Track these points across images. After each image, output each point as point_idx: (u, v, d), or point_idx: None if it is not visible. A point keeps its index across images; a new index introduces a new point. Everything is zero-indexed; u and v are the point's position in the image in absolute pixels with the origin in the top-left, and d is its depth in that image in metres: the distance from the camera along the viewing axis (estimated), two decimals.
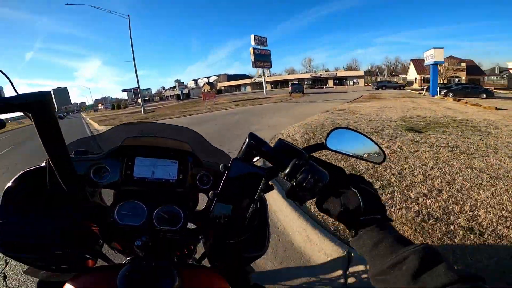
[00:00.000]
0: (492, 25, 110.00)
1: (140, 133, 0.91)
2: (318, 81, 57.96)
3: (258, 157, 0.50)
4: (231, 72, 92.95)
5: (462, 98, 18.73)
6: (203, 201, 0.82)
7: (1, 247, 0.59)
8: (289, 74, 79.08)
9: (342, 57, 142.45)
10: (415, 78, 48.05)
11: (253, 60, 33.46)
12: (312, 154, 0.52)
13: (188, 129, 0.96)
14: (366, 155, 0.57)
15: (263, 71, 35.98)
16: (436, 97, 21.08)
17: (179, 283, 0.50)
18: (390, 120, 7.33)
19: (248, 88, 66.87)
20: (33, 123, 0.45)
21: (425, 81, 48.35)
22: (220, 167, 0.46)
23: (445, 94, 21.05)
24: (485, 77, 42.09)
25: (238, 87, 69.45)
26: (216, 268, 0.72)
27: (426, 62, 23.55)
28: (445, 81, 43.40)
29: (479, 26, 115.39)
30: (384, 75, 68.50)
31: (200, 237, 0.75)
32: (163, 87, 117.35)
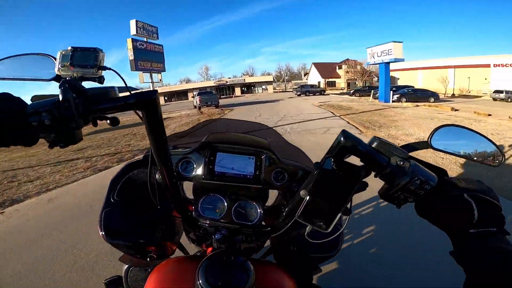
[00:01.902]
0: (350, 34, 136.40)
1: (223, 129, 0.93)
2: (223, 89, 49.62)
3: (350, 155, 0.45)
4: None
5: (413, 102, 16.88)
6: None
7: (105, 234, 0.66)
8: (186, 83, 67.20)
9: (237, 65, 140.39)
10: (319, 82, 48.08)
11: (132, 58, 19.91)
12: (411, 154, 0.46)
13: (266, 126, 1.03)
14: (479, 156, 0.49)
15: (151, 77, 22.06)
16: (403, 103, 16.68)
17: (253, 278, 0.53)
18: None
19: None
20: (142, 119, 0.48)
21: (329, 84, 49.80)
22: (313, 165, 0.42)
23: (399, 99, 18.31)
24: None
25: None
26: (282, 264, 0.74)
27: (374, 60, 18.91)
28: (346, 85, 45.22)
29: (337, 36, 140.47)
30: (283, 80, 68.86)
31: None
32: None
